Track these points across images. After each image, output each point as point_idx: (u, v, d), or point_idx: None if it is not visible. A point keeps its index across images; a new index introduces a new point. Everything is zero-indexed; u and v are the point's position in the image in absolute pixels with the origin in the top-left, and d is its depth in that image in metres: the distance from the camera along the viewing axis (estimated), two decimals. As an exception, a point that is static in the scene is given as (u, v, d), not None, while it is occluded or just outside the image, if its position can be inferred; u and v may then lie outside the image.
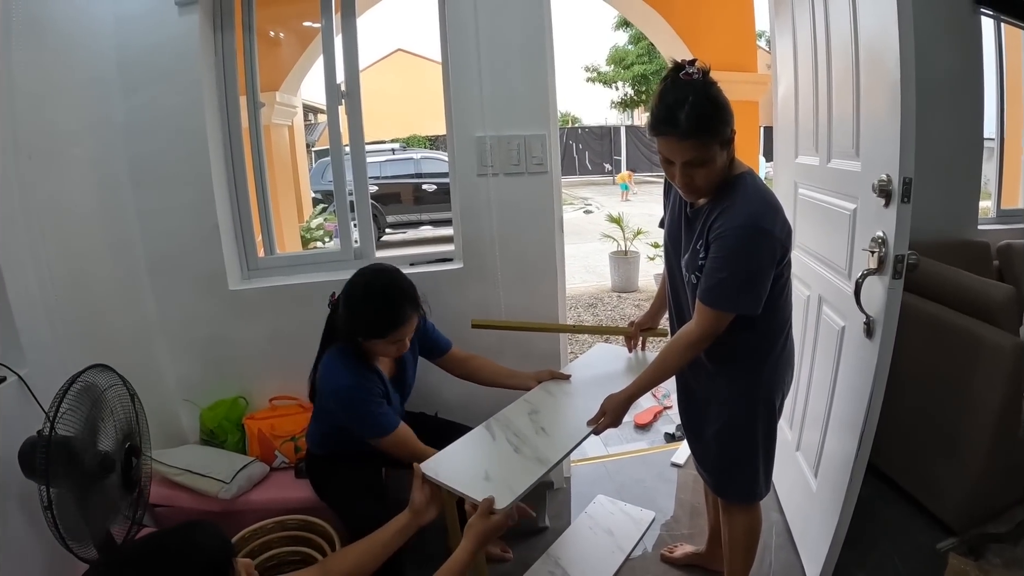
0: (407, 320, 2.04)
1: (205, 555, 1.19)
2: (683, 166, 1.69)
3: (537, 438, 1.95)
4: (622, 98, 24.25)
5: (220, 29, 2.62)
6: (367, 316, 2.04)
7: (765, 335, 1.86)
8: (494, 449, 1.91)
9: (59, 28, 2.25)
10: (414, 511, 1.72)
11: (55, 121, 2.22)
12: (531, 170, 2.68)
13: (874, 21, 1.83)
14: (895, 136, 1.68)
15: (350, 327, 2.06)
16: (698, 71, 1.65)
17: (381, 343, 2.06)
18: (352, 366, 2.09)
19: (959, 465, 2.43)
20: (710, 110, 1.63)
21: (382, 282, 2.10)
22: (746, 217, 1.68)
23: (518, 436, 1.95)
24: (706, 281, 1.74)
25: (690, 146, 1.65)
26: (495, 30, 2.55)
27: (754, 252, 1.68)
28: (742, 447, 1.96)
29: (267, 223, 2.99)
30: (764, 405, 1.93)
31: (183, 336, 2.68)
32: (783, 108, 2.89)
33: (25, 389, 1.79)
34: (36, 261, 2.02)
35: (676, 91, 1.64)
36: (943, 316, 2.51)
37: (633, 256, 8.19)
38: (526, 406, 2.16)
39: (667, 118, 1.64)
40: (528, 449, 1.88)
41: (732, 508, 2.08)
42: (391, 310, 2.03)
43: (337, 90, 2.75)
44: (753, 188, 1.74)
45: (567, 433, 1.97)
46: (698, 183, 1.73)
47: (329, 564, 1.64)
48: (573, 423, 2.02)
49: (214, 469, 2.39)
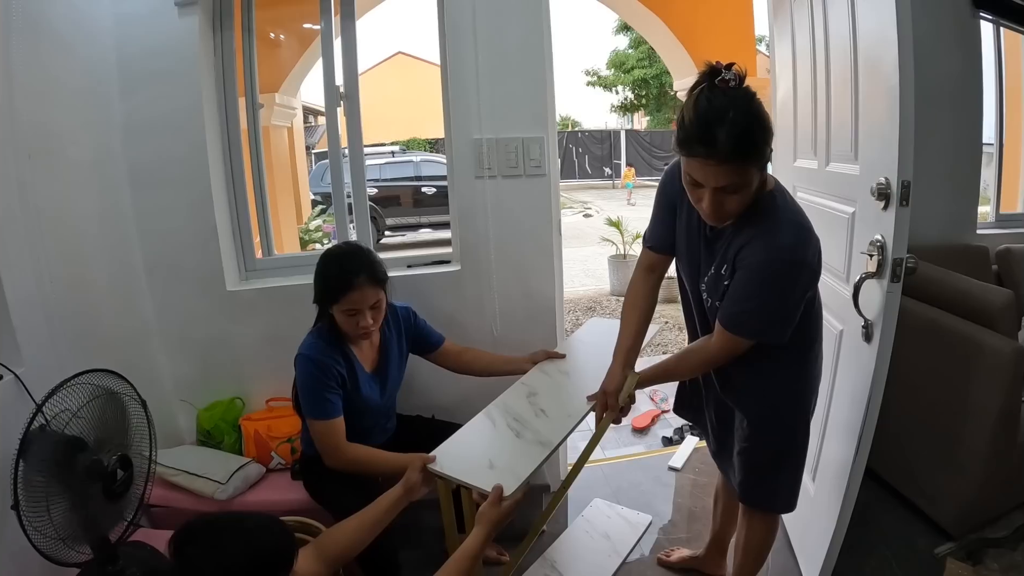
0: (356, 287, 2.06)
1: (274, 543, 1.22)
2: (715, 191, 1.50)
3: (537, 421, 1.95)
4: (622, 102, 24.30)
5: (220, 30, 2.63)
6: (323, 279, 2.13)
7: (799, 349, 1.77)
8: (496, 436, 1.90)
9: (58, 28, 2.25)
10: (407, 487, 1.73)
11: (54, 121, 2.23)
12: (529, 172, 2.68)
13: (873, 25, 1.83)
14: (894, 139, 1.68)
15: (315, 295, 2.16)
16: (735, 77, 1.43)
17: (340, 314, 2.10)
18: (320, 341, 2.14)
19: (957, 470, 2.43)
20: (754, 129, 1.42)
21: (340, 250, 2.21)
22: (781, 249, 1.54)
23: (518, 421, 1.95)
24: (731, 306, 1.64)
25: (728, 171, 1.45)
26: (494, 31, 2.55)
27: (788, 286, 1.58)
28: (785, 457, 1.89)
29: (265, 224, 2.98)
30: (802, 415, 1.87)
31: (180, 336, 2.68)
32: (782, 112, 2.89)
33: (21, 388, 1.80)
34: (34, 260, 2.03)
35: (713, 103, 1.42)
36: (942, 320, 2.50)
37: (632, 260, 8.19)
38: (524, 389, 2.17)
39: (703, 137, 1.42)
40: (529, 433, 1.88)
41: (753, 514, 2.04)
42: (341, 276, 2.07)
43: (336, 92, 2.74)
44: (785, 210, 1.60)
45: (567, 413, 1.98)
46: (728, 209, 1.55)
47: (323, 541, 1.64)
48: (573, 402, 2.03)
49: (210, 470, 2.39)
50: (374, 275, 2.11)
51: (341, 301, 2.07)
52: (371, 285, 2.09)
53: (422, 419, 2.53)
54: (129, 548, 1.89)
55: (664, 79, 21.49)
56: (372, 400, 2.25)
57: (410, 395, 2.54)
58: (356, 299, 2.07)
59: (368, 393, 2.23)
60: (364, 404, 2.22)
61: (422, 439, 2.11)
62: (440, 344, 2.44)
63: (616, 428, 3.72)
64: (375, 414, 2.30)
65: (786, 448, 1.89)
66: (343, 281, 2.06)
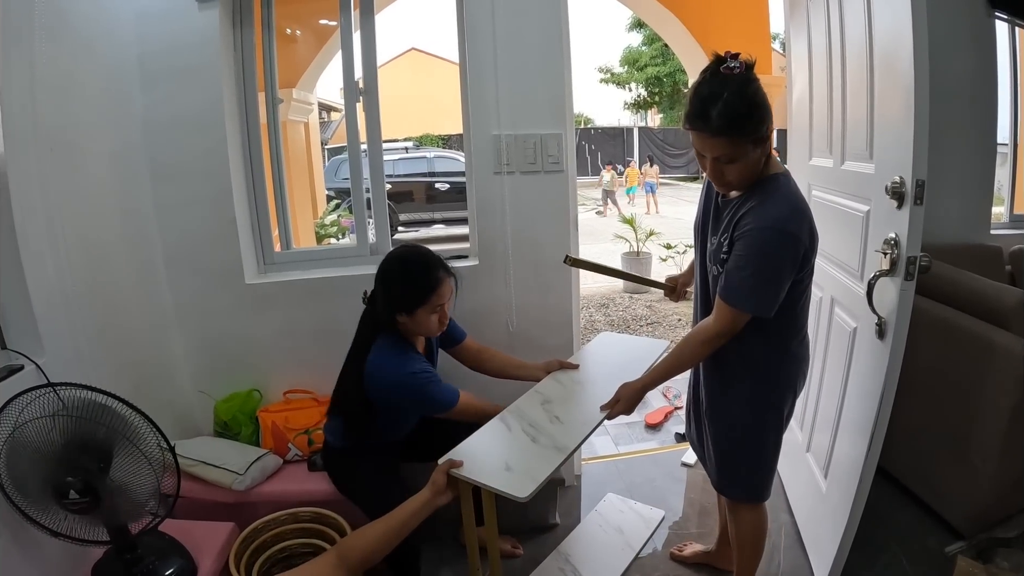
0: (443, 281, 2.11)
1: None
2: (713, 161, 1.69)
3: (552, 427, 1.95)
4: (635, 99, 24.26)
5: (239, 26, 2.65)
6: (407, 286, 2.11)
7: (778, 341, 1.86)
8: (511, 440, 1.92)
9: (80, 24, 2.27)
10: (435, 491, 1.72)
11: (76, 115, 2.25)
12: (547, 168, 2.70)
13: (889, 24, 1.84)
14: (908, 138, 1.69)
15: (392, 305, 2.12)
16: (740, 64, 1.60)
17: (424, 313, 2.11)
18: (402, 354, 2.15)
19: (969, 469, 2.43)
20: (743, 110, 1.60)
21: (414, 252, 2.20)
22: (772, 219, 1.66)
23: (534, 426, 1.96)
24: (727, 278, 1.74)
25: (721, 143, 1.64)
26: (513, 29, 2.57)
27: (776, 253, 1.67)
28: (747, 450, 1.97)
29: (284, 218, 3.01)
30: (773, 411, 1.93)
31: (199, 328, 2.72)
32: (797, 110, 2.89)
33: (43, 378, 1.81)
34: (55, 252, 2.05)
35: (712, 85, 1.61)
36: (955, 320, 2.51)
37: (645, 257, 8.20)
38: (538, 396, 2.17)
39: (699, 113, 1.62)
40: (545, 438, 1.88)
41: (738, 507, 2.09)
42: (428, 274, 2.10)
43: (355, 87, 2.77)
44: (785, 190, 1.73)
45: (582, 420, 1.98)
46: (729, 178, 1.72)
47: (345, 548, 1.61)
48: (586, 410, 2.04)
49: (228, 461, 2.41)
50: (447, 267, 2.17)
51: (431, 300, 2.09)
52: (449, 277, 2.15)
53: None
54: (148, 537, 1.90)
55: (677, 77, 21.47)
56: None
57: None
58: (444, 293, 2.12)
59: None
60: None
61: (441, 433, 2.14)
62: (462, 339, 2.47)
63: (630, 424, 3.75)
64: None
65: (757, 447, 1.96)
66: (432, 279, 2.10)
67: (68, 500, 1.65)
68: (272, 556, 2.21)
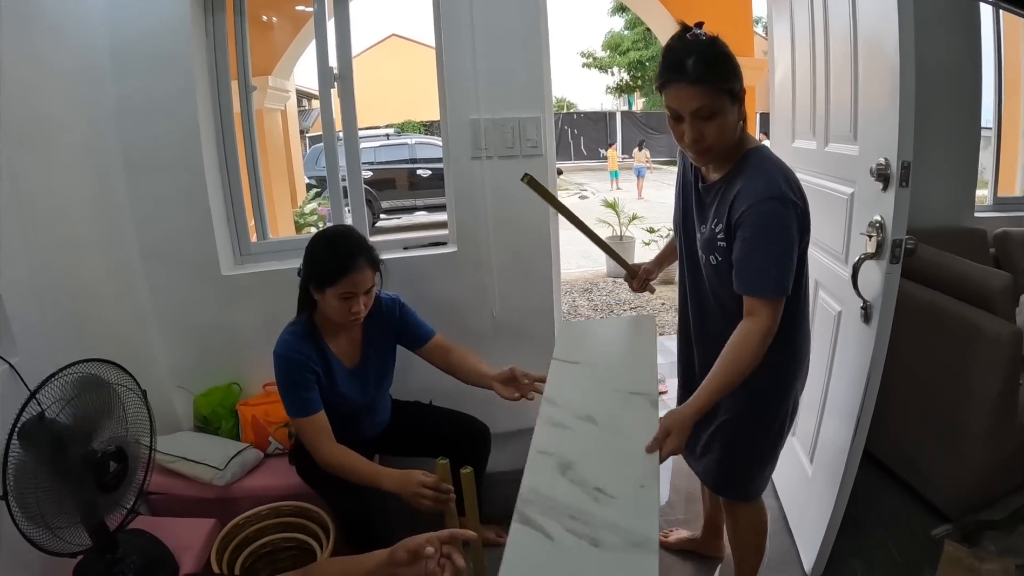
0: (358, 268, 2.03)
1: None
2: (692, 118, 1.58)
3: (603, 508, 1.30)
4: (618, 83, 24.26)
5: (211, 12, 2.59)
6: (321, 261, 2.07)
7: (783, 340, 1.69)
8: (565, 555, 1.23)
9: (49, 13, 2.21)
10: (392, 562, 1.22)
11: (46, 107, 2.19)
12: (526, 153, 2.66)
13: (873, 6, 1.82)
14: (894, 120, 1.68)
15: (307, 277, 2.10)
16: (704, 34, 1.57)
17: (332, 296, 2.04)
18: (296, 338, 2.11)
19: (955, 452, 2.43)
20: (718, 59, 1.55)
21: (336, 231, 2.21)
22: (767, 190, 1.58)
23: (578, 519, 1.28)
24: (743, 271, 1.61)
25: (699, 92, 1.55)
26: (489, 10, 2.53)
27: (782, 223, 1.58)
28: (749, 452, 1.89)
29: (259, 208, 2.96)
30: (777, 412, 1.84)
31: (176, 322, 2.67)
32: (780, 93, 2.88)
33: (16, 377, 1.78)
34: (27, 248, 2.00)
35: (682, 45, 1.58)
36: (940, 303, 2.50)
37: (628, 241, 8.19)
38: (549, 461, 1.47)
39: (674, 66, 1.56)
40: (608, 534, 1.24)
41: (735, 505, 2.03)
42: (348, 256, 2.03)
43: (330, 73, 2.71)
44: (769, 160, 1.67)
45: (632, 478, 1.39)
46: (709, 139, 1.60)
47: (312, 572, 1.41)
48: (626, 457, 1.46)
49: (208, 456, 2.38)
50: (371, 258, 2.09)
51: (339, 283, 2.02)
52: (369, 267, 2.07)
53: (420, 405, 2.50)
54: (128, 536, 1.88)
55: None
56: (353, 397, 2.22)
57: (407, 379, 2.49)
58: (356, 281, 2.03)
59: (347, 390, 2.20)
60: (343, 401, 2.19)
61: (419, 426, 2.10)
62: (428, 339, 2.35)
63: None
64: (359, 411, 2.28)
65: (761, 447, 1.89)
66: (343, 262, 2.02)
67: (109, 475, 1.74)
68: (255, 551, 2.18)
